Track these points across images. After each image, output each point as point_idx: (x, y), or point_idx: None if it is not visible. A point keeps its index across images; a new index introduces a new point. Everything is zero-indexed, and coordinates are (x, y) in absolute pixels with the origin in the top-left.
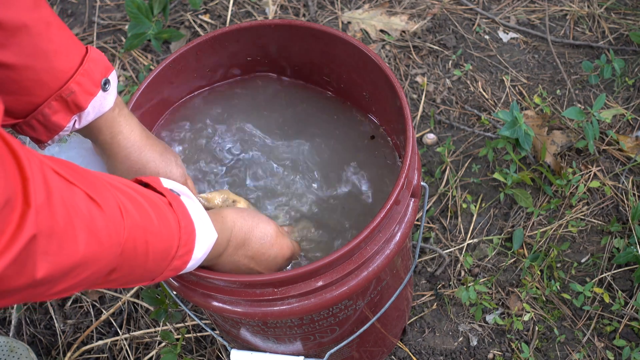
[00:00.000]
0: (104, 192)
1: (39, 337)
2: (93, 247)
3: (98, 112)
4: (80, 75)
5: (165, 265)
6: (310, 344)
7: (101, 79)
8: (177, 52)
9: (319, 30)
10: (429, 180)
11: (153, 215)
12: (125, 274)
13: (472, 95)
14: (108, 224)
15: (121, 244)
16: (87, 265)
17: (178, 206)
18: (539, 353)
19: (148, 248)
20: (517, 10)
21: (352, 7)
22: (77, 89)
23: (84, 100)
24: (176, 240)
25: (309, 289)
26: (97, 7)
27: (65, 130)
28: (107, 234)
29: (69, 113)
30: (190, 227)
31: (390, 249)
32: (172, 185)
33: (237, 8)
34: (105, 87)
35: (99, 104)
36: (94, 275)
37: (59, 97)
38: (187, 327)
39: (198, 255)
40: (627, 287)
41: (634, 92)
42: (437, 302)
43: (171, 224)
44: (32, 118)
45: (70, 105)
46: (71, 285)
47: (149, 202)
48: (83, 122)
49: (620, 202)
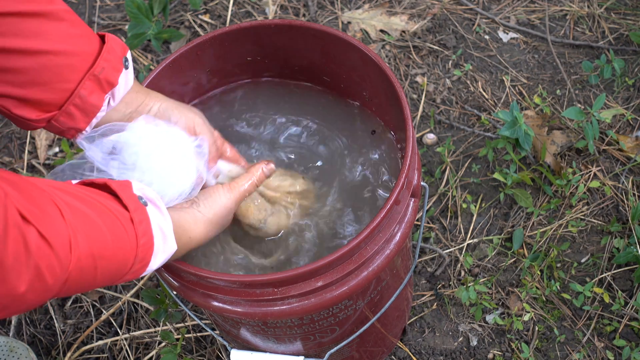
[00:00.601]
0: (56, 226)
1: (39, 337)
2: (35, 286)
3: (126, 87)
4: (107, 53)
5: (118, 278)
6: (310, 344)
7: (122, 56)
8: (177, 52)
9: (319, 30)
10: (429, 180)
11: (108, 236)
12: (69, 293)
13: (472, 95)
14: (55, 262)
15: (65, 275)
16: (25, 300)
17: (140, 221)
18: (539, 353)
19: (96, 271)
20: (517, 10)
21: (352, 7)
22: (107, 66)
23: (114, 77)
24: (131, 257)
25: (309, 288)
26: (97, 7)
27: (102, 111)
28: (51, 273)
29: (102, 91)
30: (149, 243)
31: (390, 249)
32: (142, 191)
33: (237, 8)
34: (126, 65)
35: (125, 79)
36: (33, 305)
37: (92, 77)
38: (187, 327)
39: (153, 266)
40: (627, 287)
41: (634, 92)
42: (437, 302)
43: (127, 244)
44: (69, 104)
45: (103, 83)
46: (5, 315)
47: (107, 220)
48: (117, 99)
49: (620, 202)
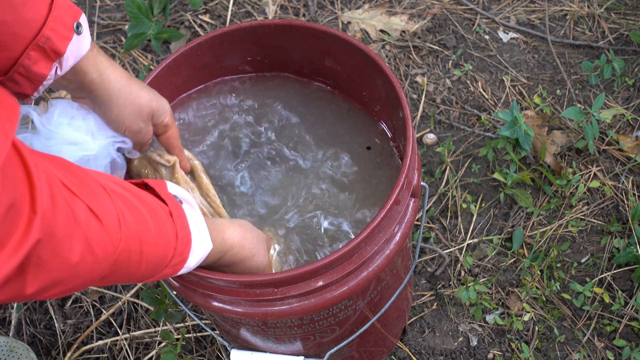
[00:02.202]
0: (105, 204)
1: (39, 337)
2: (87, 258)
3: (77, 55)
4: (52, 22)
5: (158, 271)
6: (310, 344)
7: (73, 22)
8: (177, 52)
9: (319, 30)
10: (429, 180)
11: (152, 225)
12: (116, 279)
13: (472, 95)
14: (104, 236)
15: (115, 254)
16: (77, 275)
17: (178, 216)
18: (539, 353)
19: (142, 258)
20: (517, 10)
21: (352, 7)
22: (53, 35)
23: (61, 46)
24: (171, 250)
25: (309, 289)
26: (97, 7)
27: (49, 79)
28: (102, 247)
29: (48, 61)
30: (187, 237)
31: (390, 249)
32: (177, 191)
33: (237, 8)
34: (78, 31)
35: (76, 47)
36: (85, 283)
37: (35, 46)
38: (187, 327)
39: (191, 264)
40: (627, 287)
41: (634, 92)
42: (437, 302)
43: (169, 234)
44: (14, 72)
45: (49, 52)
46: (61, 291)
47: (150, 210)
48: (64, 68)
49: (620, 202)
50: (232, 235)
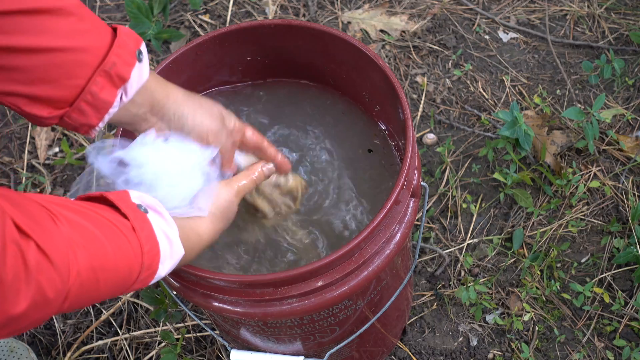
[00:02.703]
0: (54, 239)
1: (39, 337)
2: (37, 301)
3: (140, 82)
4: (118, 48)
5: (125, 288)
6: (310, 344)
7: (135, 49)
8: (177, 52)
9: (319, 30)
10: (429, 180)
11: (109, 247)
12: (73, 308)
13: (472, 95)
14: (55, 276)
15: (66, 291)
16: (28, 317)
17: (142, 229)
18: (539, 353)
19: (99, 285)
20: (517, 10)
21: (352, 7)
22: (118, 61)
23: (126, 71)
24: (137, 266)
25: (309, 289)
26: (97, 7)
27: (114, 106)
28: (53, 287)
29: (113, 87)
30: (154, 250)
31: (390, 249)
32: (141, 199)
33: (237, 8)
34: (140, 58)
35: (138, 73)
36: (36, 322)
37: (102, 72)
38: (187, 327)
39: (162, 273)
40: (627, 287)
41: (634, 92)
42: (437, 302)
43: (131, 253)
44: (80, 101)
45: (114, 78)
46: (7, 333)
47: (107, 232)
48: (129, 95)
49: (620, 202)
50: (206, 230)
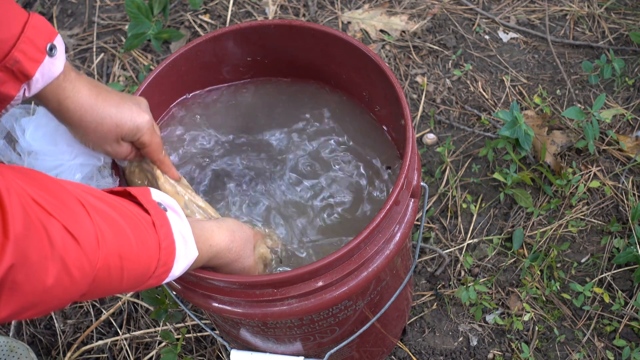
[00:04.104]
0: (81, 221)
1: (39, 337)
2: (63, 280)
3: (47, 78)
4: (23, 43)
5: (141, 283)
6: (310, 344)
7: (46, 44)
8: (177, 52)
9: (319, 30)
10: (429, 180)
11: (132, 238)
12: (96, 295)
13: (472, 95)
14: (81, 256)
15: (94, 273)
16: (54, 297)
17: (161, 225)
18: (539, 353)
19: (123, 273)
20: (517, 10)
21: (352, 7)
22: (22, 57)
23: (31, 68)
24: (154, 261)
25: (309, 289)
26: (97, 7)
27: (16, 99)
28: (79, 267)
29: (17, 82)
30: (171, 247)
31: (390, 249)
32: (161, 198)
33: (237, 8)
34: (51, 53)
35: (48, 70)
36: (62, 303)
37: (3, 68)
38: (187, 327)
39: (176, 272)
40: (627, 287)
41: (634, 92)
42: (437, 302)
43: (151, 246)
44: None
45: (17, 74)
46: (38, 312)
47: (130, 223)
48: (33, 90)
49: (620, 202)
50: (220, 240)
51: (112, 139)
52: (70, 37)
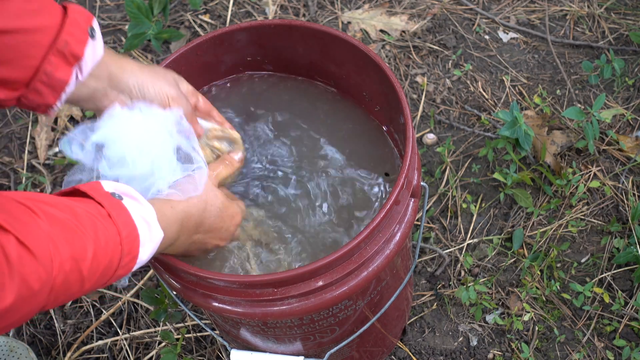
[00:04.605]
0: (34, 233)
1: (39, 337)
2: (23, 293)
3: (94, 58)
4: (69, 26)
5: (108, 277)
6: (310, 344)
7: (87, 27)
8: (177, 52)
9: (319, 30)
10: (429, 180)
11: (89, 237)
12: (59, 302)
13: (472, 95)
14: (38, 268)
15: (51, 282)
16: (15, 311)
17: (119, 214)
18: (539, 353)
19: (82, 275)
20: (517, 10)
21: (352, 7)
22: (71, 39)
23: (79, 49)
24: (117, 253)
25: (309, 289)
26: (97, 7)
27: (70, 85)
28: (37, 279)
29: (68, 65)
30: (133, 234)
31: (390, 249)
32: (115, 187)
33: (237, 8)
34: (92, 34)
35: (92, 50)
36: (24, 317)
37: (56, 52)
38: (187, 327)
39: (144, 257)
40: (627, 287)
41: (634, 92)
42: (437, 302)
43: (110, 239)
44: (36, 81)
45: (68, 56)
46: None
47: (83, 222)
48: (84, 73)
49: (620, 202)
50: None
51: (172, 80)
52: None
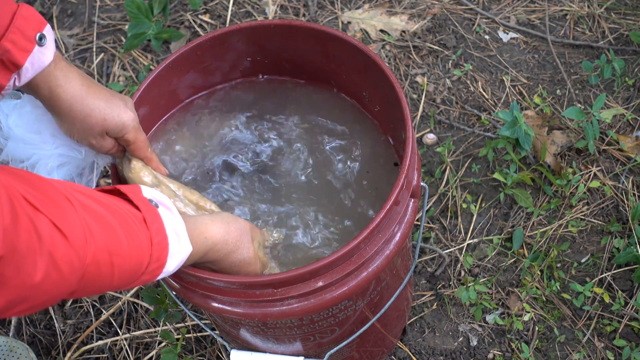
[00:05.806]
0: (70, 218)
1: (39, 337)
2: (52, 275)
3: (37, 67)
4: (12, 33)
5: (134, 279)
6: (310, 345)
7: (35, 34)
8: (177, 52)
9: (319, 30)
10: (429, 180)
11: (122, 235)
12: (87, 292)
13: (472, 95)
14: (70, 252)
15: (82, 269)
16: (42, 292)
17: (153, 221)
18: (539, 353)
19: (113, 269)
20: (517, 10)
21: (352, 7)
22: (11, 47)
23: (21, 57)
24: (146, 257)
25: (309, 289)
26: (97, 7)
27: (6, 89)
28: (67, 262)
29: (7, 72)
30: (163, 242)
31: (390, 250)
32: (152, 195)
33: (237, 8)
34: (41, 42)
35: (37, 59)
36: (52, 299)
37: None
38: (187, 327)
39: (170, 268)
40: (627, 287)
41: (634, 92)
42: (437, 302)
43: (142, 242)
44: None
45: (7, 63)
46: (27, 308)
47: (120, 220)
48: (23, 80)
49: (620, 202)
50: (215, 233)
51: (97, 132)
52: (70, 37)
